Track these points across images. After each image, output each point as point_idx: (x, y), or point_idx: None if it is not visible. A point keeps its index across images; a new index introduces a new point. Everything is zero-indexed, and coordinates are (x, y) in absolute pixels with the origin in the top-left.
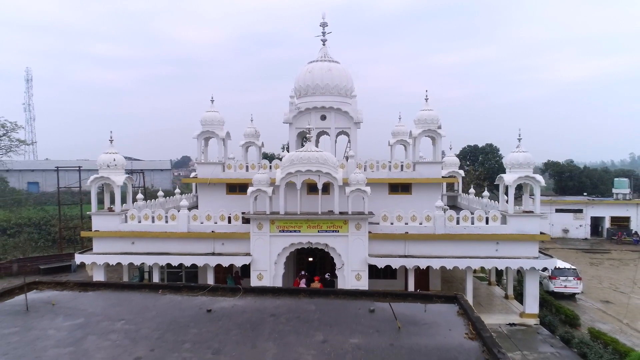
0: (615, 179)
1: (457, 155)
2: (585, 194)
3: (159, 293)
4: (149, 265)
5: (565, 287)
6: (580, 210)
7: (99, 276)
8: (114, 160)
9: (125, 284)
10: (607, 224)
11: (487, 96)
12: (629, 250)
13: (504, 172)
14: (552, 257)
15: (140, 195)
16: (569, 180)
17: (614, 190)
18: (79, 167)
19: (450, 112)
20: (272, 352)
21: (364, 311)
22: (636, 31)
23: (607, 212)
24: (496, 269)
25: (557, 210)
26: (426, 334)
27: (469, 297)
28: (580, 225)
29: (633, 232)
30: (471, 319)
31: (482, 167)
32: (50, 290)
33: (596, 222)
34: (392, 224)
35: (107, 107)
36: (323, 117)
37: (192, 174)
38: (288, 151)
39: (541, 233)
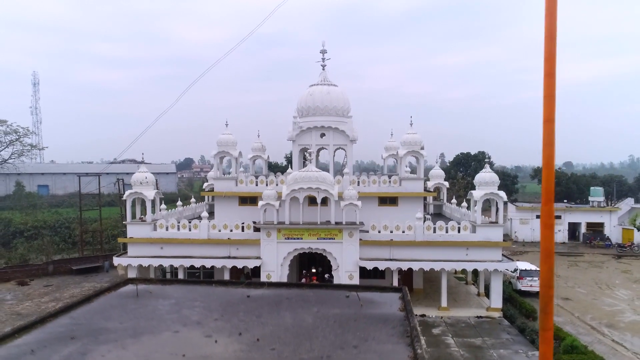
0: (591, 188)
1: (451, 162)
2: (565, 200)
3: (212, 286)
4: (171, 267)
5: (531, 286)
6: (559, 217)
7: (132, 276)
8: (146, 178)
9: (189, 280)
10: (583, 229)
11: (489, 97)
12: (600, 254)
13: None
14: (512, 260)
15: (163, 206)
16: (556, 187)
17: (590, 199)
18: (99, 173)
19: (452, 112)
20: (289, 316)
21: (342, 296)
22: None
23: (583, 218)
24: (471, 270)
25: (538, 217)
26: (376, 308)
27: (444, 293)
28: (559, 230)
29: (606, 236)
30: (405, 301)
31: (474, 173)
32: (142, 285)
33: (574, 228)
34: (379, 232)
35: (109, 107)
36: (322, 135)
37: (206, 185)
38: (291, 164)
39: (504, 240)
